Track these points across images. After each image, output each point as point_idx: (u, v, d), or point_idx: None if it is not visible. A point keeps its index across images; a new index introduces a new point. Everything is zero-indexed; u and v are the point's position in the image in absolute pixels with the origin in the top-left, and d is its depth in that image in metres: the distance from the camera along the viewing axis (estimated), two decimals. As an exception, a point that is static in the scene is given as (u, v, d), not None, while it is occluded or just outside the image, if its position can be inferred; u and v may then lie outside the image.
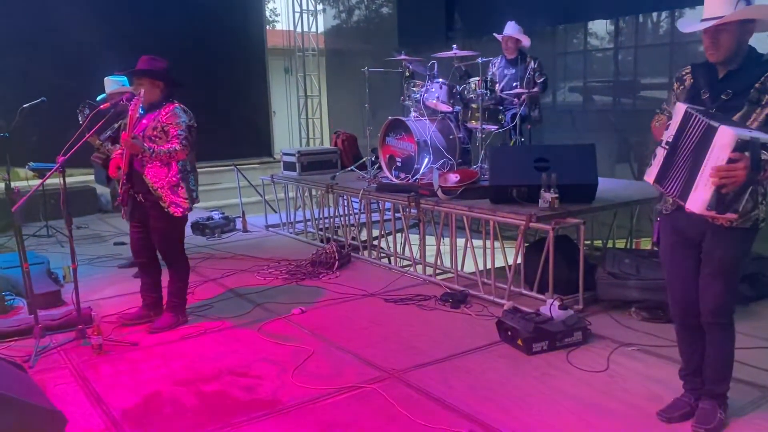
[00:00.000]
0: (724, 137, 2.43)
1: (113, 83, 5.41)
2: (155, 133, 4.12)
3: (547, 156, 4.87)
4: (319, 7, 12.68)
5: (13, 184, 6.49)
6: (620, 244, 5.90)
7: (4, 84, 8.24)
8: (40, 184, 4.00)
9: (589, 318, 4.24)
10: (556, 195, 4.56)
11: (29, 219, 7.52)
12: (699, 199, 2.54)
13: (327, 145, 11.60)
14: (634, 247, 5.88)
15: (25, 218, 7.02)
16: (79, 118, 4.67)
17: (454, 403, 3.23)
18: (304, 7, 12.51)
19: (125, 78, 5.09)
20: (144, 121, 4.15)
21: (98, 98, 5.43)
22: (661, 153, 2.68)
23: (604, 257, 4.70)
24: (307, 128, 12.70)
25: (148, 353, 4.00)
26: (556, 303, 4.03)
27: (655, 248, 5.56)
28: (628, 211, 5.62)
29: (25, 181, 7.38)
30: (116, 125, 4.92)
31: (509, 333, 3.95)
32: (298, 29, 12.59)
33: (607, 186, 5.38)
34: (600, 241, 6.02)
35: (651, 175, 2.73)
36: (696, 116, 2.54)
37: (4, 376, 3.03)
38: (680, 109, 2.62)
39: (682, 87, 2.86)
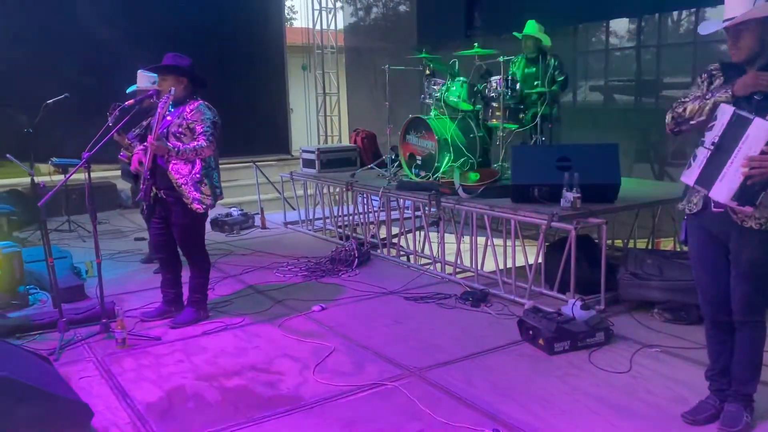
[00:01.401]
0: (760, 128, 2.41)
1: (146, 78, 5.42)
2: (180, 130, 4.14)
3: (569, 155, 4.84)
4: (338, 4, 12.69)
5: (37, 179, 6.56)
6: (641, 244, 5.85)
7: (28, 80, 8.34)
8: (66, 178, 4.04)
9: (610, 318, 4.22)
10: (579, 194, 4.53)
11: (51, 214, 7.59)
12: (725, 189, 2.54)
13: (345, 142, 11.62)
14: (655, 247, 5.83)
15: (47, 213, 7.10)
16: (109, 121, 4.71)
17: (477, 401, 3.23)
18: (323, 4, 12.52)
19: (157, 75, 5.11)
20: (168, 118, 4.17)
21: (128, 90, 5.46)
22: (703, 154, 2.63)
23: (626, 257, 4.67)
24: (325, 126, 12.72)
25: (171, 348, 4.03)
26: (578, 303, 4.01)
27: (680, 249, 5.56)
28: (649, 211, 5.57)
29: (48, 176, 7.46)
30: (144, 123, 4.93)
31: (531, 332, 3.93)
32: (317, 27, 12.60)
33: (628, 185, 5.34)
34: (621, 241, 5.97)
35: (691, 176, 2.69)
36: (742, 115, 2.51)
37: (31, 368, 3.08)
38: (727, 110, 2.57)
39: (709, 82, 2.82)
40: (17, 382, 2.72)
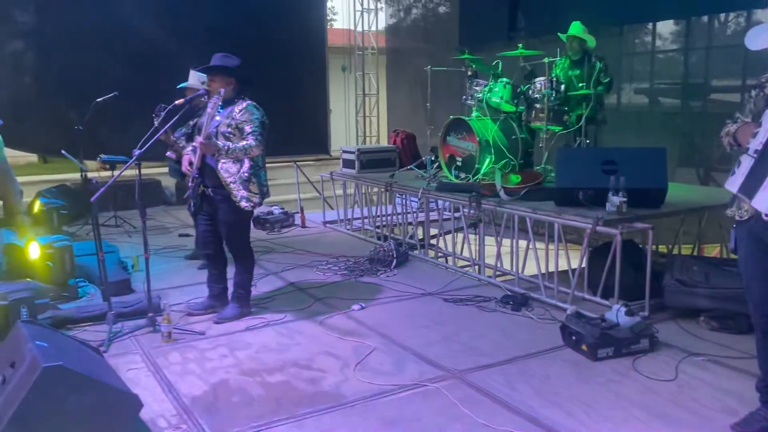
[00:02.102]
0: None
1: (197, 77, 5.52)
2: (230, 130, 4.22)
3: (615, 158, 4.77)
4: (379, 5, 12.72)
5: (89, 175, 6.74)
6: (686, 250, 5.72)
7: (79, 78, 8.57)
8: (118, 175, 4.14)
9: (655, 325, 4.14)
10: (625, 199, 4.46)
11: (100, 209, 7.79)
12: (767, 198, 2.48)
13: (383, 143, 11.64)
14: (700, 253, 5.70)
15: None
16: (155, 122, 4.81)
17: (519, 405, 3.21)
18: (365, 5, 12.57)
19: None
20: (218, 118, 4.25)
21: (178, 86, 5.58)
22: (747, 161, 2.59)
23: (672, 264, 4.58)
24: (363, 126, 12.77)
25: (215, 342, 4.11)
26: (623, 309, 3.95)
27: (727, 256, 5.43)
28: (695, 216, 5.45)
29: (96, 172, 7.66)
30: (191, 122, 5.03)
31: (574, 338, 3.89)
32: (358, 28, 12.66)
33: (673, 190, 5.23)
34: (665, 247, 5.86)
35: (735, 184, 2.65)
36: None
37: (84, 358, 3.17)
38: None
39: (761, 94, 2.76)
40: (71, 372, 2.80)
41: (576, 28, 6.10)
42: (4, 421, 2.71)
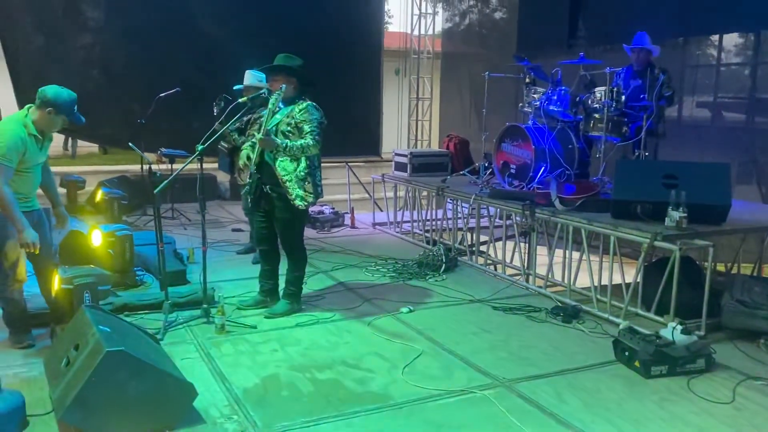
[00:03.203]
0: None
1: (252, 77, 5.66)
2: (289, 128, 4.29)
3: (676, 173, 4.66)
4: (436, 9, 12.72)
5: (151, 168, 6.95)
6: (745, 269, 5.54)
7: (143, 74, 8.85)
8: (181, 169, 4.27)
9: (712, 346, 4.03)
10: (685, 214, 4.35)
11: (158, 202, 8.03)
12: None
13: (434, 147, 11.63)
14: (760, 273, 5.51)
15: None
16: (214, 110, 4.91)
17: (568, 418, 3.17)
18: (422, 9, 12.59)
19: (263, 75, 5.30)
20: (277, 116, 4.34)
21: (234, 88, 5.71)
22: None
23: (732, 283, 4.44)
24: (415, 130, 12.78)
25: (266, 337, 4.19)
26: (679, 327, 3.85)
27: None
28: (758, 235, 5.28)
29: (156, 165, 7.89)
30: (245, 118, 5.14)
31: (626, 353, 3.81)
32: (414, 32, 12.69)
33: (734, 208, 5.09)
34: (723, 265, 5.69)
35: None
36: None
37: (143, 345, 3.28)
38: None
39: None
40: (133, 357, 2.90)
41: (642, 38, 5.98)
42: (67, 401, 2.83)
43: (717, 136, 7.72)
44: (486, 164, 6.78)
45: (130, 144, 6.33)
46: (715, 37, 7.94)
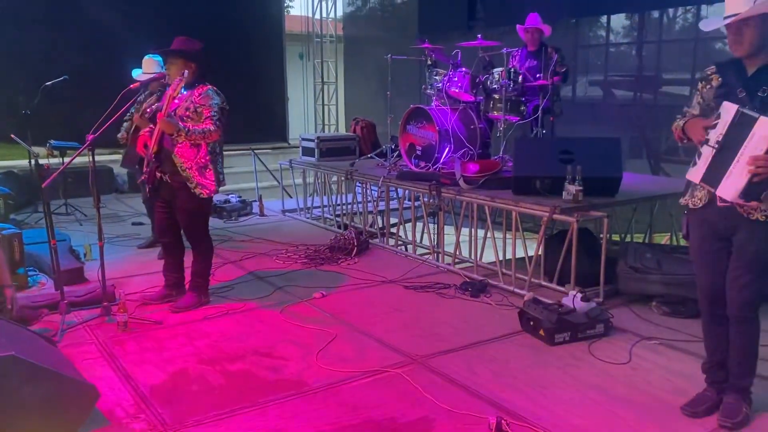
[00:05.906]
0: (765, 127, 2.46)
1: (154, 64, 5.39)
2: (188, 113, 4.13)
3: (571, 148, 4.86)
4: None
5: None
6: (638, 238, 5.90)
7: (27, 62, 8.27)
8: (71, 160, 4.02)
9: (610, 311, 4.25)
10: (581, 187, 4.56)
11: (49, 197, 7.56)
12: (732, 187, 2.61)
13: (341, 131, 11.60)
14: (650, 241, 5.89)
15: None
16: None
17: (480, 390, 3.26)
18: (323, -7, 12.49)
19: (161, 58, 5.06)
20: (176, 101, 4.16)
21: (133, 74, 5.43)
22: (708, 152, 2.68)
23: (625, 251, 4.71)
24: (322, 114, 12.69)
25: (173, 332, 4.04)
26: (579, 295, 4.04)
27: (677, 243, 5.61)
28: (647, 205, 5.62)
29: (46, 159, 7.42)
30: (149, 109, 4.89)
31: (531, 323, 3.97)
32: (316, 15, 12.55)
33: (625, 180, 5.38)
34: (618, 235, 6.03)
35: (697, 174, 2.74)
36: (746, 113, 2.55)
37: (38, 349, 3.07)
38: (730, 108, 2.62)
39: (708, 86, 2.88)
40: (24, 362, 2.71)
41: (534, 19, 6.19)
42: (-47, 413, 2.62)
43: (609, 112, 8.15)
44: (393, 147, 6.82)
45: (12, 136, 5.90)
46: (604, 18, 8.34)
